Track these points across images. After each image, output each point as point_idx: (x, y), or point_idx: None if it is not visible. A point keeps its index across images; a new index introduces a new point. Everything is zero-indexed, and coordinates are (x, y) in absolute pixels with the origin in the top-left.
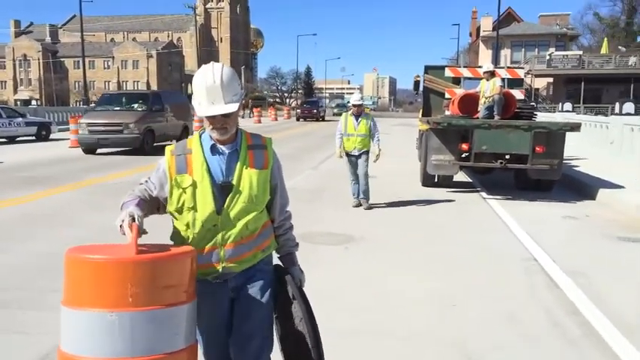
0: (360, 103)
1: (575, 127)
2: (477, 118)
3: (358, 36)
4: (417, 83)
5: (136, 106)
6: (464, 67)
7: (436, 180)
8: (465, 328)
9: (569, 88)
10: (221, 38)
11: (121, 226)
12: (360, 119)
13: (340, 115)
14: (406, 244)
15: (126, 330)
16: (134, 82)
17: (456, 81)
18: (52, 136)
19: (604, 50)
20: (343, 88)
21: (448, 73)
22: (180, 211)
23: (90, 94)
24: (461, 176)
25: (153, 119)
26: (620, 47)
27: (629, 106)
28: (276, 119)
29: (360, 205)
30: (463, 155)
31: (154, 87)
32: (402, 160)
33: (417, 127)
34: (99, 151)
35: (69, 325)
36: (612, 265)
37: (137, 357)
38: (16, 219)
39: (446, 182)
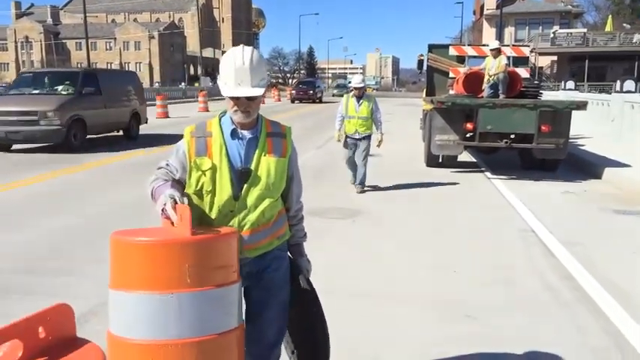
0: (361, 85)
1: (582, 105)
2: (482, 97)
3: (361, 16)
4: (420, 62)
5: (60, 88)
6: (468, 45)
7: (440, 160)
8: (464, 292)
9: (573, 66)
10: (223, 18)
11: (163, 209)
12: (361, 101)
13: (340, 96)
14: (409, 221)
15: (184, 311)
16: (136, 63)
17: (460, 60)
18: None
19: (609, 27)
20: (346, 68)
21: (452, 51)
22: (199, 194)
23: None
24: (465, 156)
25: (83, 106)
26: (624, 24)
27: (629, 84)
28: (279, 100)
29: (363, 191)
30: (467, 135)
31: (157, 68)
32: (406, 140)
33: (420, 107)
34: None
35: (119, 309)
36: (607, 236)
37: (191, 338)
38: (32, 198)
39: (450, 162)
